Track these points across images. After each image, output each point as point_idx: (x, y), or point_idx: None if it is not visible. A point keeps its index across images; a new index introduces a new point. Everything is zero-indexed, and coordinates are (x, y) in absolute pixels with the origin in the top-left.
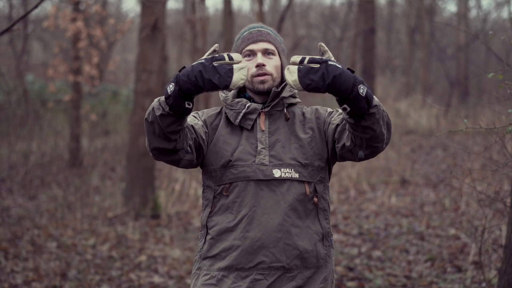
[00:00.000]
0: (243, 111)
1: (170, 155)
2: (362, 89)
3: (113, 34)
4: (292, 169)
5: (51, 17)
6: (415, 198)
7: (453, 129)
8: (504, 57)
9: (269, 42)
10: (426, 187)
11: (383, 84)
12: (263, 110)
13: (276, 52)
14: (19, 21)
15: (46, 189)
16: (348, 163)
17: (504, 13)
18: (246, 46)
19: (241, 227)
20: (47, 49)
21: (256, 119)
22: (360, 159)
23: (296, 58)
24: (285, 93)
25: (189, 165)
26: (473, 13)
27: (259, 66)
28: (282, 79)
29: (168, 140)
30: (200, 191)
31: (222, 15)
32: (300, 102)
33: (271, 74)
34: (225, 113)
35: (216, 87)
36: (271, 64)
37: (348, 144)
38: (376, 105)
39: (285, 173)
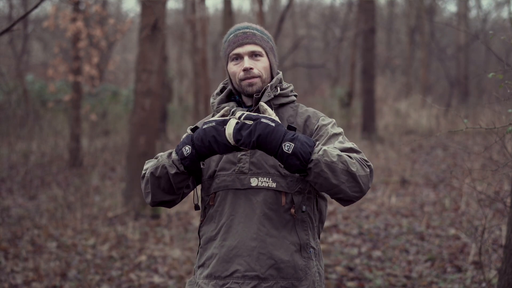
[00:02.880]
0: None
1: (168, 203)
2: (288, 147)
3: (113, 34)
4: (270, 179)
5: (51, 17)
6: (415, 198)
7: (453, 129)
8: (504, 57)
9: (255, 43)
10: (426, 187)
11: (383, 84)
12: None
13: (264, 52)
14: (19, 21)
15: (46, 189)
16: None
17: (504, 13)
18: (232, 50)
19: (220, 235)
20: (47, 49)
21: None
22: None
23: (238, 113)
24: (263, 98)
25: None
26: (473, 13)
27: (246, 70)
28: (272, 79)
29: (173, 194)
30: (199, 191)
31: (222, 15)
32: (295, 100)
33: (259, 76)
34: None
35: (230, 150)
36: (259, 66)
37: None
38: (314, 160)
39: (262, 182)
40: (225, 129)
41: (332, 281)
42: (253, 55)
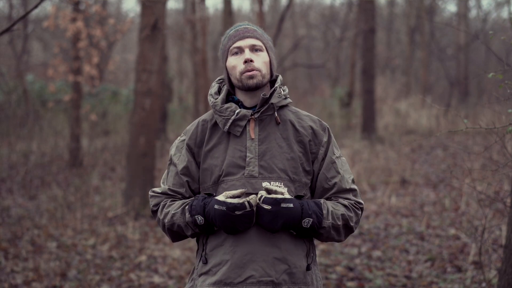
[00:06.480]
0: (232, 117)
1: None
2: (307, 223)
3: (113, 34)
4: (282, 183)
5: (51, 17)
6: (415, 198)
7: (453, 129)
8: (504, 57)
9: (256, 38)
10: (426, 187)
11: (383, 84)
12: (253, 116)
13: (264, 48)
14: (19, 21)
15: (46, 189)
16: (348, 163)
17: (504, 13)
18: (233, 43)
19: (230, 241)
20: (47, 49)
21: (245, 125)
22: None
23: (253, 197)
24: (274, 100)
25: None
26: (473, 13)
27: (247, 61)
28: (272, 75)
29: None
30: None
31: (222, 15)
32: (291, 102)
33: (259, 70)
34: (208, 121)
35: (240, 232)
36: (259, 60)
37: None
38: (324, 227)
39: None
40: (237, 215)
41: (332, 281)
42: (254, 49)
